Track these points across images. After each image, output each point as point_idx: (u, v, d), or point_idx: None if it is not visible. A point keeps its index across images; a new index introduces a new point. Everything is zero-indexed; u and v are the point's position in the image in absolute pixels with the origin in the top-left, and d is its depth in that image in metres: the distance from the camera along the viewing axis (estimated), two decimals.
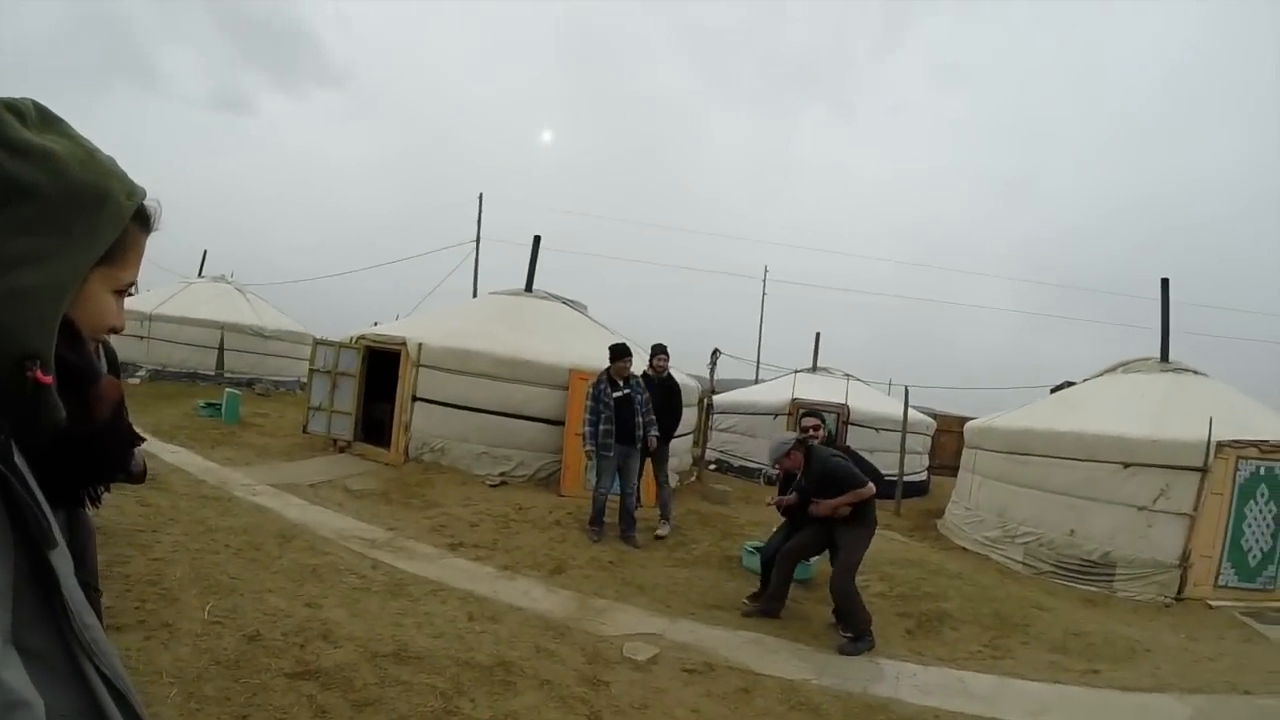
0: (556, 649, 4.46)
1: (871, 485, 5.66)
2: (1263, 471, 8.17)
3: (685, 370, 11.33)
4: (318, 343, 10.92)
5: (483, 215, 27.07)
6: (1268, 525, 8.14)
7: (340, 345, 10.45)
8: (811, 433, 6.22)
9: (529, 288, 11.77)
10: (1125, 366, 10.74)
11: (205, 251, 22.29)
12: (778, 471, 6.43)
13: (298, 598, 4.60)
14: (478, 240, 26.46)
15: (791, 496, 5.98)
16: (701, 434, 13.18)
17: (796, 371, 16.58)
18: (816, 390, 15.31)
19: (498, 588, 5.47)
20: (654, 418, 7.68)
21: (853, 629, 5.42)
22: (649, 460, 8.22)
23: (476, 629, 4.56)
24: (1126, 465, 8.52)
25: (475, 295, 19.09)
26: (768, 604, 5.79)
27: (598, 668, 4.29)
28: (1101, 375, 10.92)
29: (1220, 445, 8.10)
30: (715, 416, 15.49)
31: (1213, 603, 7.92)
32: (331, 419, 10.17)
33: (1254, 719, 4.97)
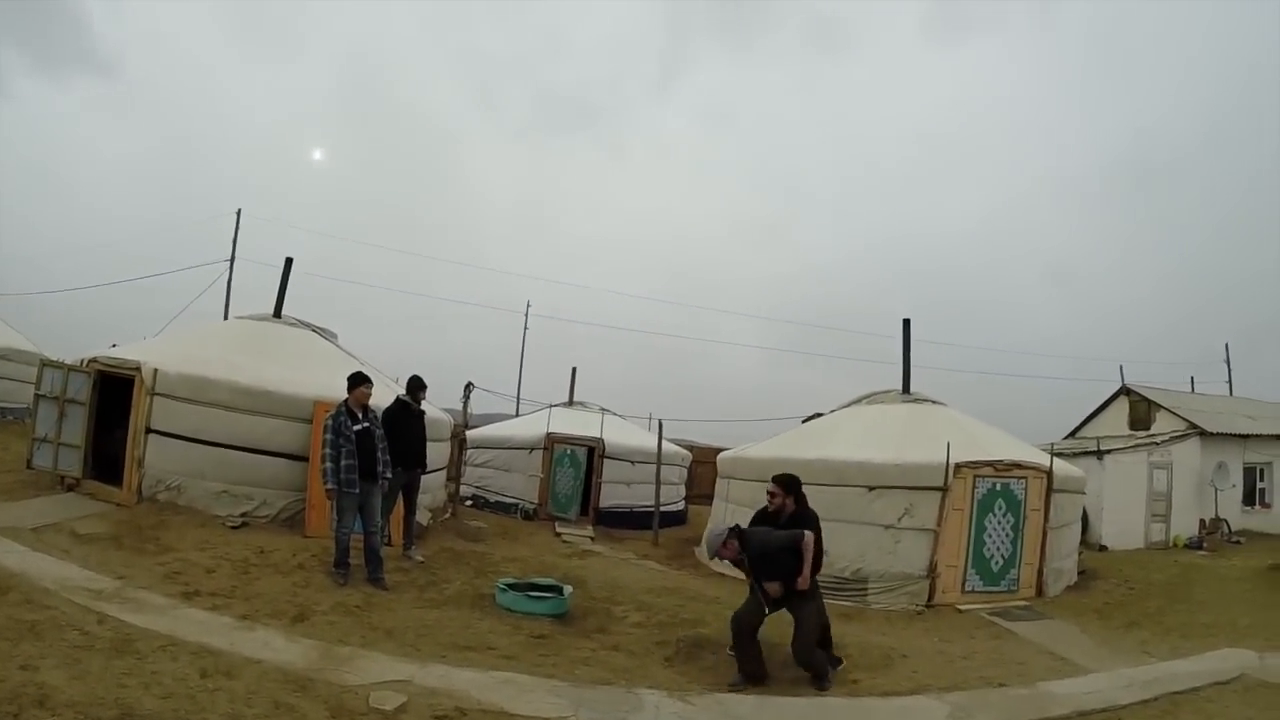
0: (297, 703, 4.28)
1: (808, 533, 5.70)
2: (998, 488, 9.34)
3: (440, 404, 11.50)
4: (44, 364, 9.93)
5: (239, 234, 25.66)
6: (1007, 534, 9.33)
7: (69, 368, 9.56)
8: (770, 501, 6.17)
9: (278, 313, 11.41)
10: (870, 398, 11.78)
11: None
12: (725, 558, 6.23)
13: (12, 659, 4.31)
14: (232, 260, 25.11)
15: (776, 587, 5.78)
16: (455, 469, 13.36)
17: (552, 406, 17.14)
18: (572, 425, 16.07)
19: (235, 639, 5.30)
20: (389, 458, 7.65)
21: (821, 677, 5.69)
22: (402, 491, 8.39)
23: (210, 686, 4.40)
24: (872, 488, 9.25)
25: (226, 318, 18.13)
26: (749, 668, 5.74)
27: None
28: (848, 406, 11.91)
29: (958, 466, 9.09)
30: (470, 452, 15.71)
31: (961, 607, 8.74)
32: (59, 452, 9.22)
33: (1009, 708, 5.40)
